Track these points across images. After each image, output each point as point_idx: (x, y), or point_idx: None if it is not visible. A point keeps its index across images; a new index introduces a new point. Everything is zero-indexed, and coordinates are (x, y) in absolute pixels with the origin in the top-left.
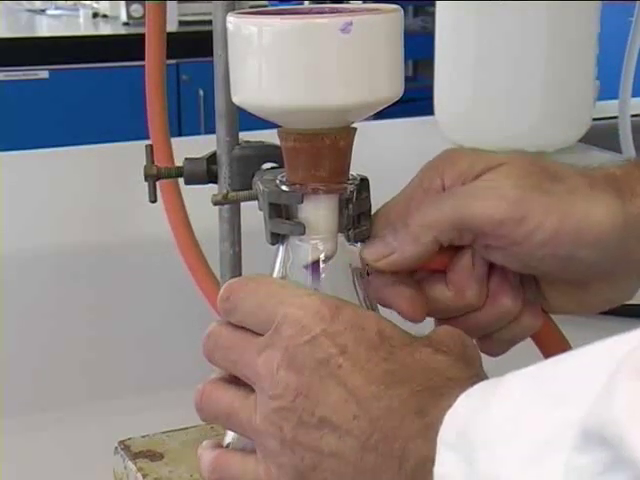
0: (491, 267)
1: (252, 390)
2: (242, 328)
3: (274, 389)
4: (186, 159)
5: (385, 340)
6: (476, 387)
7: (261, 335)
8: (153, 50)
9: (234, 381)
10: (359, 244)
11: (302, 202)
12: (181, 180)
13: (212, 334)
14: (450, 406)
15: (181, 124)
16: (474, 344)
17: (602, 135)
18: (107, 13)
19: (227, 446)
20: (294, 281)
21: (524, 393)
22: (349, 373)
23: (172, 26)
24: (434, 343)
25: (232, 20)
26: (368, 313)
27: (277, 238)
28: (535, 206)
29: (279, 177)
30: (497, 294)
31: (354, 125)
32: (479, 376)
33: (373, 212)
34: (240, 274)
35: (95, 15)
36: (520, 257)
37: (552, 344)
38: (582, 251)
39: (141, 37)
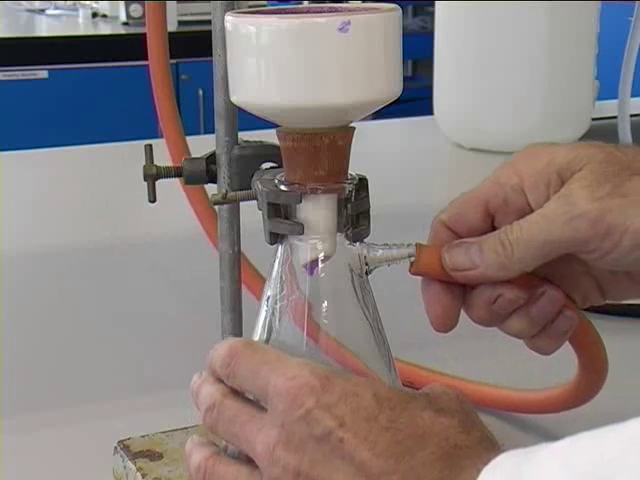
0: None
1: (257, 465)
2: (244, 398)
3: (272, 469)
4: (185, 159)
5: (383, 404)
6: (500, 460)
7: (262, 407)
8: (156, 49)
9: (235, 455)
10: (358, 244)
11: (301, 202)
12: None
13: (214, 406)
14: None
15: None
16: (469, 403)
17: (602, 135)
18: (106, 13)
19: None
20: (290, 345)
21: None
22: (353, 447)
23: (171, 26)
24: (432, 403)
25: (230, 20)
26: (359, 378)
27: (276, 238)
28: (616, 215)
29: (278, 177)
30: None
31: (353, 124)
32: (485, 438)
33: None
34: (239, 274)
35: (94, 15)
36: (613, 263)
37: (585, 341)
38: None
39: (140, 37)
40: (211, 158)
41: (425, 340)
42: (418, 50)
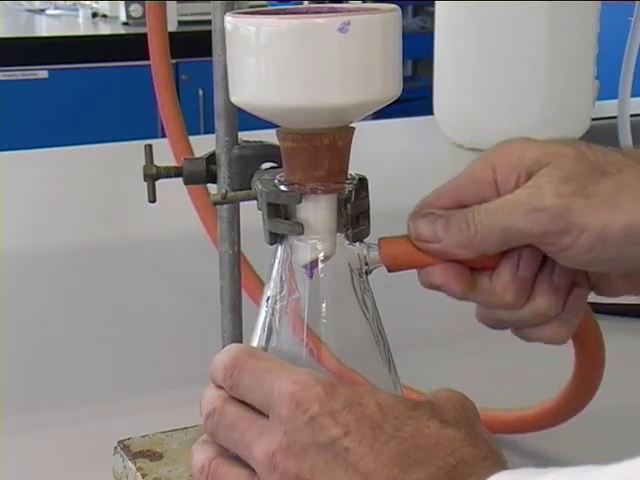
0: (539, 270)
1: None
2: (245, 405)
3: (270, 475)
4: (185, 159)
5: (387, 413)
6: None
7: (264, 414)
8: (157, 49)
9: (237, 457)
10: (358, 244)
11: (301, 202)
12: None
13: (215, 412)
14: None
15: None
16: (474, 407)
17: (602, 135)
18: (106, 13)
19: None
20: (292, 355)
21: None
22: (359, 456)
23: (171, 26)
24: (437, 412)
25: (230, 20)
26: (361, 388)
27: (276, 238)
28: (577, 214)
29: (278, 177)
30: (535, 294)
31: (353, 125)
32: (490, 451)
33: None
34: (239, 274)
35: (94, 15)
36: (569, 260)
37: (587, 341)
38: (630, 250)
39: (140, 37)
40: (211, 158)
41: (425, 340)
42: (418, 50)
